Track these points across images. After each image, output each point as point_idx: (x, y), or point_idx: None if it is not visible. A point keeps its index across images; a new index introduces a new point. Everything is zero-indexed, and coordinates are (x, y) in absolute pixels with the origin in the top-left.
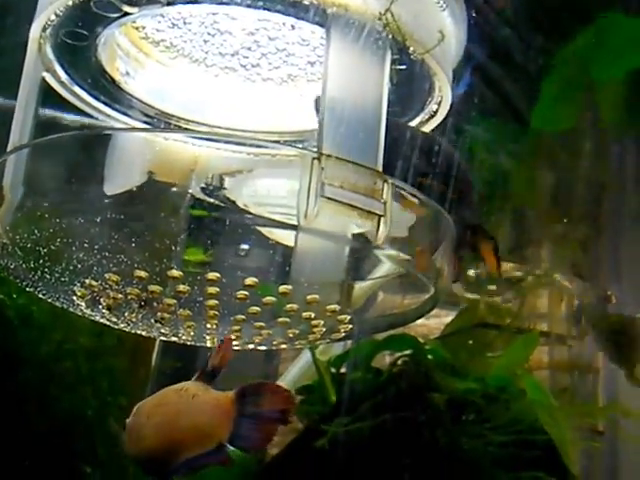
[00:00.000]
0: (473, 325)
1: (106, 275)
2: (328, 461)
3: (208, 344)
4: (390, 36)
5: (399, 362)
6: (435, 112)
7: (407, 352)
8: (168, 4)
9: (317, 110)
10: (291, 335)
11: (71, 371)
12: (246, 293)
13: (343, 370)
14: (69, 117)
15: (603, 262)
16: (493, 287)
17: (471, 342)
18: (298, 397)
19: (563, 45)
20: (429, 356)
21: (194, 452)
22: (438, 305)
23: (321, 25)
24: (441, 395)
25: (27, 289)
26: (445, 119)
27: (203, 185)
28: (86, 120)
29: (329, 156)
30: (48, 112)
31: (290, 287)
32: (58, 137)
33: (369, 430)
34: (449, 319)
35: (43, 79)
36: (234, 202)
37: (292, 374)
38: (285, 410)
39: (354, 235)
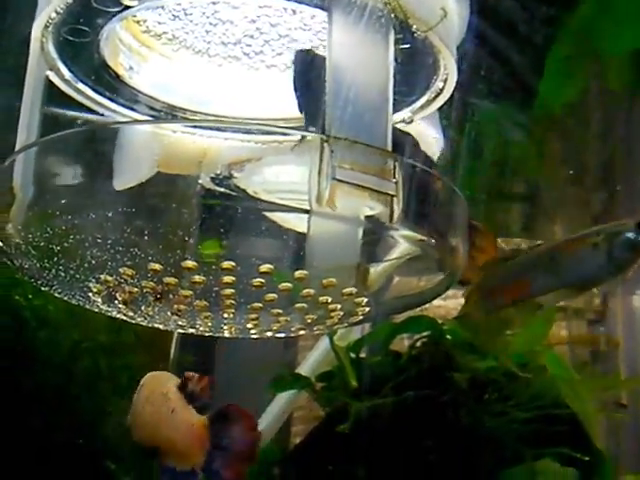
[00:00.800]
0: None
1: (121, 269)
2: (352, 445)
3: (226, 334)
4: (392, 15)
5: (418, 344)
6: (441, 90)
7: (425, 333)
8: None
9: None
10: (309, 321)
11: (90, 369)
12: (262, 280)
13: (362, 355)
14: (74, 114)
15: None
16: None
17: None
18: (319, 384)
19: (568, 15)
20: (448, 336)
21: (171, 462)
22: (455, 286)
23: (322, 8)
24: (463, 375)
25: (42, 288)
26: (451, 96)
27: (213, 175)
28: (91, 116)
29: (338, 138)
30: (53, 110)
31: (306, 272)
32: (65, 134)
33: (392, 408)
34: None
35: (47, 77)
36: (244, 190)
37: (311, 361)
38: (252, 443)
39: (367, 217)
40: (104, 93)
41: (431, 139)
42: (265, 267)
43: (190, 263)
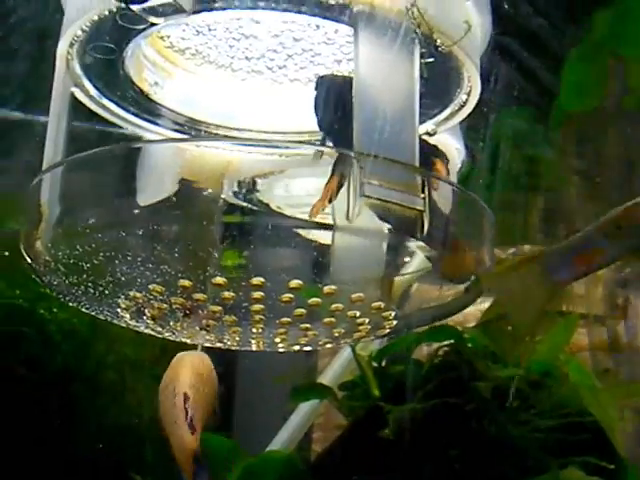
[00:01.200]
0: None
1: (150, 286)
2: (376, 455)
3: (253, 348)
4: (417, 30)
5: (440, 353)
6: (465, 102)
7: (447, 342)
8: (194, 12)
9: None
10: (337, 334)
11: (116, 382)
12: (291, 296)
13: (384, 364)
14: (98, 128)
15: None
16: None
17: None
18: (340, 393)
19: (588, 20)
20: (469, 345)
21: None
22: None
23: (348, 24)
24: (486, 384)
25: (70, 304)
26: (475, 108)
27: (235, 189)
28: (115, 130)
29: (367, 155)
30: (78, 124)
31: (334, 287)
32: (90, 153)
33: (420, 416)
34: (486, 305)
35: (72, 94)
36: (267, 205)
37: (333, 370)
38: None
39: (393, 231)
40: (128, 108)
41: (453, 150)
42: (294, 283)
43: (220, 279)
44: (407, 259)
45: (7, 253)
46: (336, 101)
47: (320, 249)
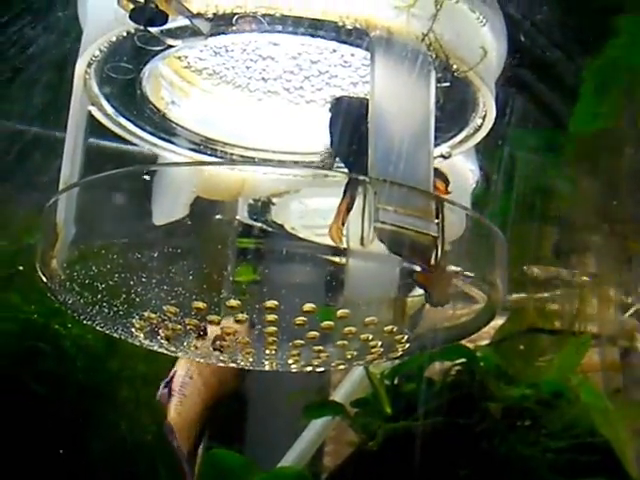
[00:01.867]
0: (524, 330)
1: (164, 307)
2: (387, 473)
3: (266, 368)
4: (433, 55)
5: (452, 371)
6: (480, 126)
7: (459, 361)
8: (211, 35)
9: (330, 111)
10: (349, 356)
11: (129, 397)
12: (304, 319)
13: (396, 382)
14: (114, 145)
15: None
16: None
17: (522, 347)
18: (353, 410)
19: (602, 43)
20: (481, 363)
21: None
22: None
23: (364, 48)
24: (497, 404)
25: (85, 322)
26: (490, 132)
27: (251, 208)
28: (132, 148)
29: (381, 180)
30: (94, 141)
31: (347, 310)
32: (107, 175)
33: (425, 434)
34: (498, 323)
35: (89, 112)
36: (282, 226)
37: (346, 388)
38: None
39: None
40: (145, 127)
41: (467, 171)
42: (308, 306)
43: (234, 302)
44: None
45: (22, 268)
46: (350, 124)
47: (334, 271)
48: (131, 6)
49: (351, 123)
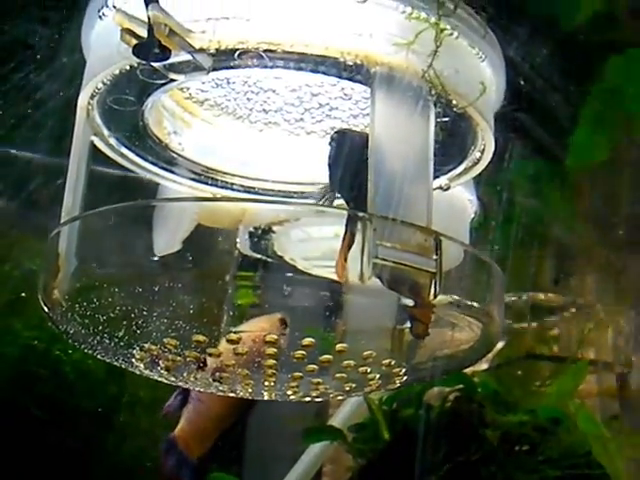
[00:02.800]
0: (522, 356)
1: (165, 339)
2: None
3: (265, 398)
4: (433, 91)
5: (450, 397)
6: (479, 159)
7: (457, 387)
8: (213, 70)
9: (330, 145)
10: (347, 388)
11: (129, 423)
12: (303, 353)
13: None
14: (117, 173)
15: None
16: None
17: (520, 373)
18: (351, 435)
19: (600, 74)
20: (479, 389)
21: None
22: None
23: (365, 83)
24: (494, 432)
25: (85, 351)
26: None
27: (251, 236)
28: (133, 175)
29: (381, 217)
30: (95, 168)
31: (346, 344)
32: (109, 208)
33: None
34: (497, 348)
35: (92, 142)
36: (282, 257)
37: (344, 412)
38: None
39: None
40: (147, 157)
41: (466, 202)
42: (307, 340)
43: (234, 335)
44: None
45: (23, 293)
46: (349, 158)
47: (332, 305)
48: (134, 41)
49: (351, 158)
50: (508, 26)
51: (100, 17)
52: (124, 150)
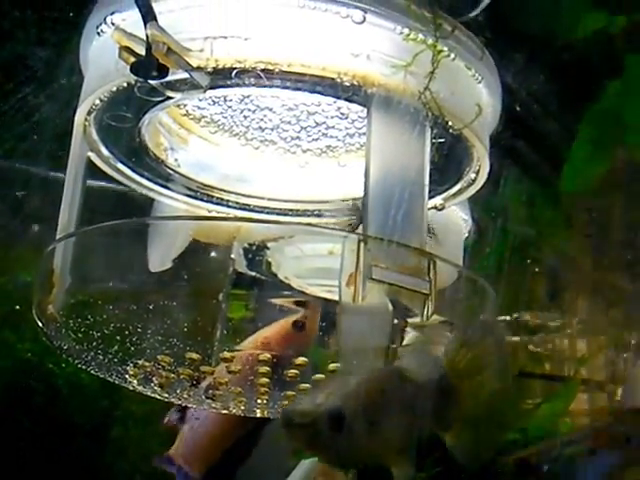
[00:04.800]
0: (514, 374)
1: (159, 357)
2: None
3: (257, 415)
4: (429, 113)
5: None
6: (474, 180)
7: None
8: (210, 88)
9: None
10: None
11: (121, 437)
12: (296, 372)
13: None
14: (113, 187)
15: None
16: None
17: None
18: None
19: (597, 96)
20: None
21: None
22: None
23: (361, 104)
24: None
25: (79, 366)
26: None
27: (245, 252)
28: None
29: (375, 238)
30: (91, 182)
31: (338, 364)
32: (104, 226)
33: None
34: None
35: (88, 158)
36: (276, 275)
37: None
38: None
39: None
40: (143, 173)
41: (460, 221)
42: (300, 360)
43: (227, 354)
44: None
45: (18, 307)
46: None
47: (325, 325)
48: (132, 59)
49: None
50: (504, 48)
51: (98, 33)
52: (120, 166)
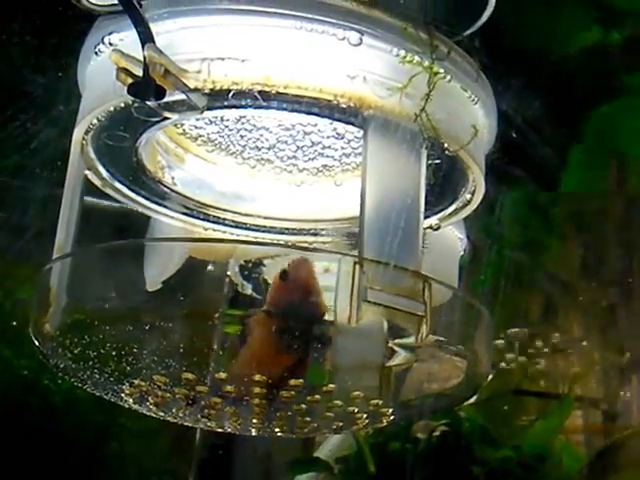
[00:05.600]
0: (509, 391)
1: (154, 377)
2: None
3: (253, 433)
4: (425, 134)
5: (437, 431)
6: (469, 201)
7: (444, 421)
8: (207, 109)
9: None
10: (335, 427)
11: (117, 453)
12: (292, 393)
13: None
14: (109, 204)
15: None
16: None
17: (507, 408)
18: (337, 467)
19: (592, 112)
20: (466, 424)
21: None
22: None
23: (358, 126)
24: (481, 468)
25: (75, 384)
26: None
27: (241, 269)
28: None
29: (370, 260)
30: (88, 199)
31: (333, 385)
32: (101, 246)
33: None
34: None
35: (86, 176)
36: None
37: (331, 444)
38: None
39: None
40: (139, 192)
41: (456, 239)
42: (295, 381)
43: (222, 375)
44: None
45: (14, 323)
46: None
47: (319, 346)
48: (130, 80)
49: None
50: (500, 65)
51: (96, 53)
52: (117, 184)
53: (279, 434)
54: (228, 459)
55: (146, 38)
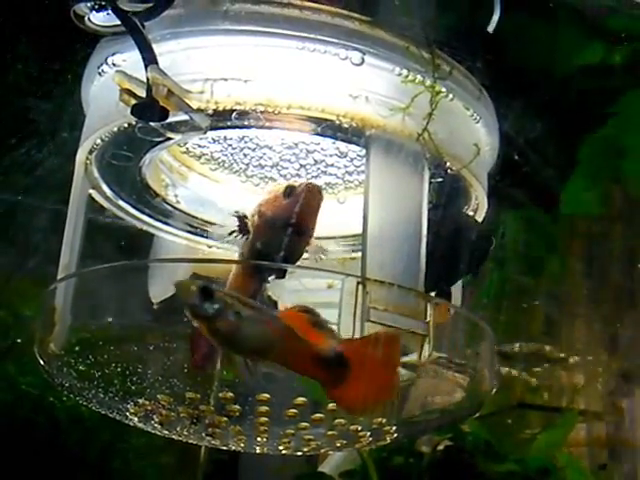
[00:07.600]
0: (513, 405)
1: (159, 396)
2: None
3: (257, 451)
4: (427, 154)
5: (440, 445)
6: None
7: (448, 435)
8: (210, 129)
9: None
10: (338, 444)
11: (122, 470)
12: (295, 411)
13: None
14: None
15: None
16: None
17: (510, 422)
18: None
19: (591, 132)
20: (469, 438)
21: None
22: None
23: (360, 145)
24: None
25: (80, 403)
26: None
27: None
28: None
29: (373, 280)
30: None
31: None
32: (105, 267)
33: None
34: None
35: (90, 195)
36: (276, 303)
37: (335, 459)
38: None
39: None
40: (144, 210)
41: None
42: (299, 400)
43: (227, 394)
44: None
45: (19, 340)
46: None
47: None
48: (133, 101)
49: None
50: (502, 83)
51: (99, 73)
52: (121, 203)
53: (283, 452)
54: (233, 475)
55: (149, 59)
